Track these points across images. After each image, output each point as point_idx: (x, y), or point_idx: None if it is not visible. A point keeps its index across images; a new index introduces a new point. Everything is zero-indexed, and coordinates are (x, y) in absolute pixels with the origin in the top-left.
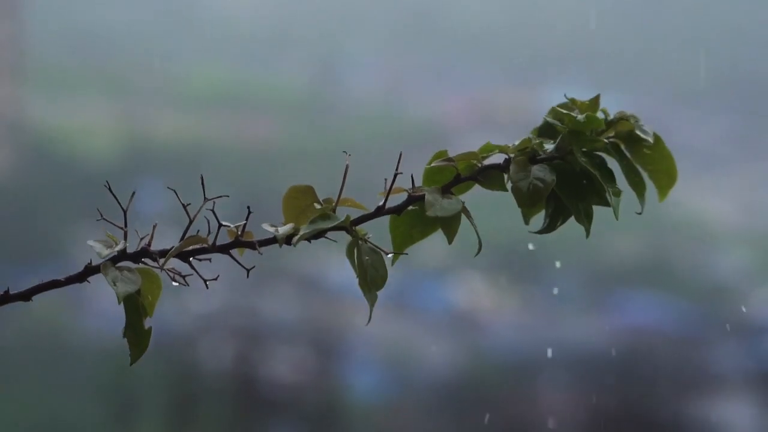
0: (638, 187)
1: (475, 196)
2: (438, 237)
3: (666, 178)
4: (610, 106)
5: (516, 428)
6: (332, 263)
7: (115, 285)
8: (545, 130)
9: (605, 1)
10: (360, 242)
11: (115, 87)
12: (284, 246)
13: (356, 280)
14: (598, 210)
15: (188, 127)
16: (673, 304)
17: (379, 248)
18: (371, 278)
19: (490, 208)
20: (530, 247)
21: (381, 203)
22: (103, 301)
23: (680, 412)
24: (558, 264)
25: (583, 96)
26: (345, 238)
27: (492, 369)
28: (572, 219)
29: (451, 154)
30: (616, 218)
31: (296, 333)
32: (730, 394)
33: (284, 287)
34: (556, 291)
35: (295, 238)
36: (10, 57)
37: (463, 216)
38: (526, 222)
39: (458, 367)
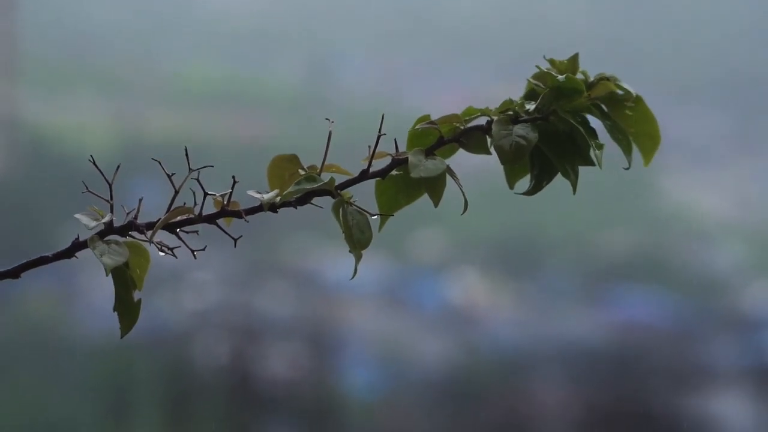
0: (623, 143)
1: (470, 194)
2: (433, 233)
3: (649, 140)
4: None
5: (511, 423)
6: (328, 260)
7: (102, 257)
8: (529, 95)
9: None
10: (345, 204)
11: (109, 84)
12: (279, 241)
13: (352, 278)
14: (592, 206)
15: (182, 124)
16: (667, 299)
17: (365, 210)
18: (357, 239)
19: (485, 205)
20: (525, 244)
21: (365, 167)
22: (96, 297)
23: (675, 406)
24: (553, 259)
25: None
26: (331, 203)
27: (487, 364)
28: (562, 207)
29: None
30: (600, 168)
31: (292, 329)
32: (725, 388)
33: (280, 284)
34: (551, 286)
35: (279, 199)
36: (4, 55)
37: (452, 213)
38: (511, 186)
39: (453, 362)
